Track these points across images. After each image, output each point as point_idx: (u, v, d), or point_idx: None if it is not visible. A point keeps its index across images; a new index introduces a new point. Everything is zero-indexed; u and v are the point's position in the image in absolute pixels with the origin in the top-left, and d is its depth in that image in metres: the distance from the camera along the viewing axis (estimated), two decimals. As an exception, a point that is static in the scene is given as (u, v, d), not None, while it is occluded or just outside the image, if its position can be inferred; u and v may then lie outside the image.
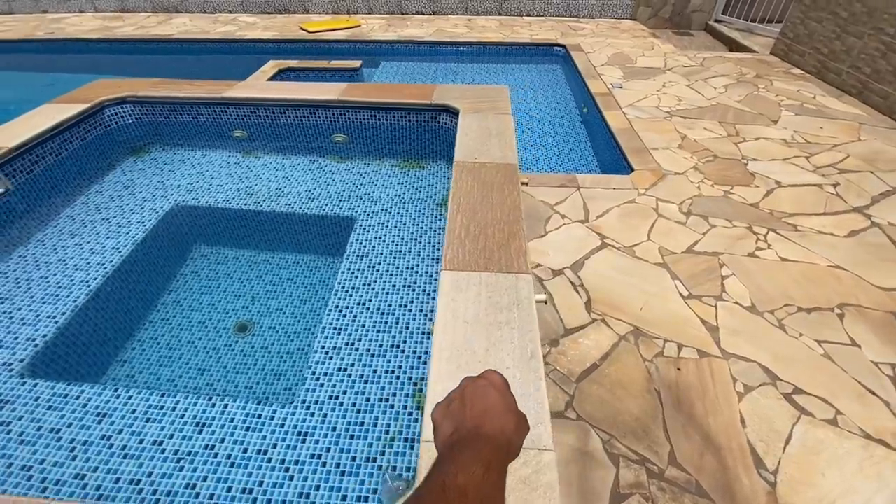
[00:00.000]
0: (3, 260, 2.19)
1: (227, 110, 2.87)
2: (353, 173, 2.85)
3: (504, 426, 0.45)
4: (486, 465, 0.38)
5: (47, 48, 6.68)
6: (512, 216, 1.75)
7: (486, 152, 2.17)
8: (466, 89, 2.87)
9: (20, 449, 1.55)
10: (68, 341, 1.99)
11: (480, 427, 0.44)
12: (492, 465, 0.39)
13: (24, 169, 2.34)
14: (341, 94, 2.79)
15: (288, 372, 2.16)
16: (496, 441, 0.43)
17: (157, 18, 7.66)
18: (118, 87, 2.92)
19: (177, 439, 1.61)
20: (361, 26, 7.08)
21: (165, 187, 2.74)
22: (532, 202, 3.08)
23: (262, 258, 2.75)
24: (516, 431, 0.46)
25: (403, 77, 5.63)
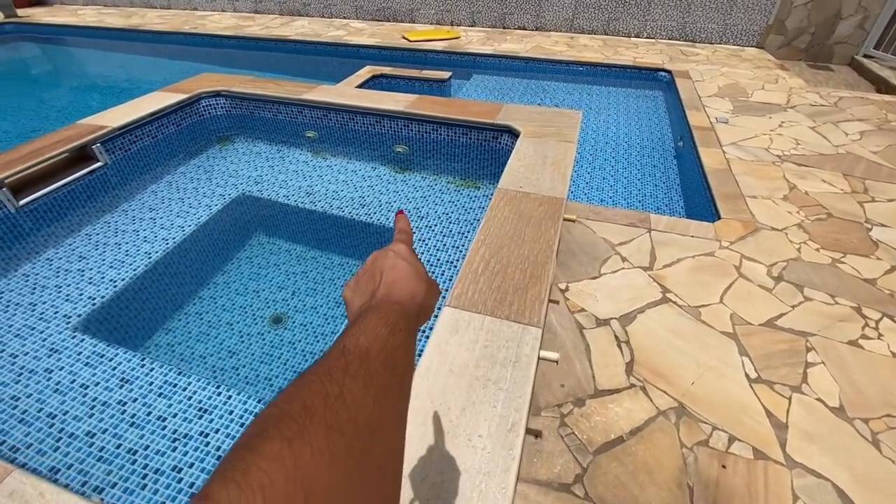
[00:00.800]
0: (91, 223, 2.50)
1: (303, 111, 3.02)
2: (407, 185, 2.84)
3: (413, 292, 0.45)
4: (391, 326, 0.37)
5: (189, 41, 7.68)
6: (541, 257, 1.59)
7: (534, 181, 2.01)
8: (536, 111, 2.72)
9: (53, 397, 1.72)
10: (122, 305, 2.19)
11: (389, 295, 0.43)
12: (398, 327, 0.38)
13: (123, 147, 2.65)
14: (408, 105, 2.79)
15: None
16: (405, 306, 0.42)
17: (282, 20, 8.46)
18: (217, 81, 3.21)
19: (179, 420, 1.68)
20: (460, 38, 7.17)
21: (238, 176, 2.95)
22: (591, 238, 2.83)
23: (311, 255, 2.84)
24: (427, 295, 0.46)
25: (491, 91, 5.58)
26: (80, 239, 2.41)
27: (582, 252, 2.72)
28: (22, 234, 2.25)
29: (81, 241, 2.40)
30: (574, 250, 2.73)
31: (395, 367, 0.35)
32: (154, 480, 1.50)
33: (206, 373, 2.17)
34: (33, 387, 1.75)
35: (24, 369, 1.81)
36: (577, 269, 2.60)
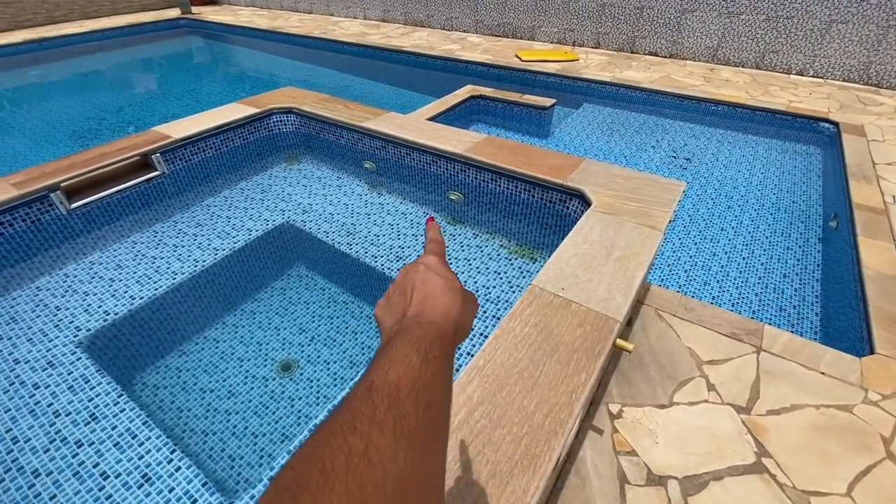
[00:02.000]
0: (139, 231, 2.55)
1: (363, 139, 2.82)
2: (454, 241, 2.47)
3: (449, 309, 0.42)
4: (424, 353, 0.35)
5: (317, 45, 8.17)
6: (552, 420, 1.11)
7: (583, 284, 1.51)
8: (622, 174, 2.16)
9: (25, 419, 1.67)
10: (133, 323, 2.15)
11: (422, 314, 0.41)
12: (431, 353, 0.35)
13: (183, 158, 2.68)
14: (469, 147, 2.42)
15: (275, 448, 1.93)
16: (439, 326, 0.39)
17: (403, 30, 8.62)
18: (293, 97, 3.16)
19: (118, 483, 1.51)
20: (578, 61, 6.56)
21: (289, 201, 2.84)
22: (672, 345, 2.18)
23: (341, 300, 2.62)
24: (463, 310, 0.43)
25: (598, 126, 4.94)
26: (123, 247, 2.46)
27: (654, 363, 2.09)
28: (70, 236, 2.34)
29: (125, 249, 2.45)
30: (644, 358, 2.12)
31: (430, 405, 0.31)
32: (62, 560, 1.34)
33: (188, 416, 2.03)
34: (16, 401, 1.73)
35: (18, 379, 1.80)
36: (640, 387, 1.99)
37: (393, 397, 0.30)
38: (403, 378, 0.32)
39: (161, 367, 2.26)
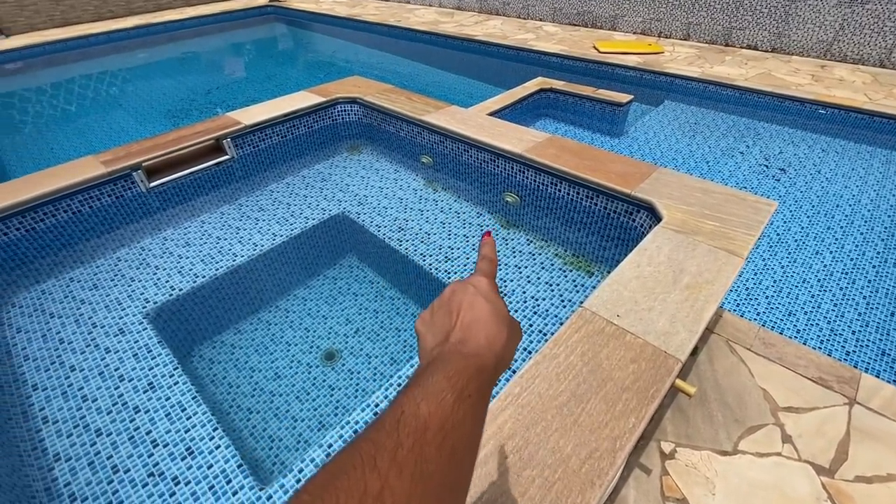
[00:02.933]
0: (208, 212, 2.70)
1: (423, 133, 2.76)
2: (506, 246, 2.36)
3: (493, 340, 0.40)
4: (459, 391, 0.33)
5: (391, 33, 8.24)
6: (595, 465, 0.99)
7: (642, 313, 1.35)
8: (701, 186, 1.93)
9: (96, 379, 1.82)
10: (194, 299, 2.28)
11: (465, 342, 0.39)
12: (467, 391, 0.34)
13: (251, 143, 2.78)
14: (530, 147, 2.28)
15: (312, 435, 1.96)
16: (481, 359, 0.38)
17: (477, 18, 8.44)
18: (359, 87, 3.17)
19: (165, 453, 1.60)
20: (664, 53, 6.05)
21: (346, 191, 2.87)
22: (743, 383, 1.94)
23: (388, 295, 2.62)
24: (507, 342, 0.42)
25: (679, 127, 4.52)
26: (193, 226, 2.61)
27: (719, 401, 1.88)
28: (148, 213, 2.52)
29: (194, 228, 2.60)
30: (707, 395, 1.90)
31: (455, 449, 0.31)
32: None
33: (236, 394, 2.12)
34: (90, 362, 1.89)
35: (94, 342, 1.97)
36: (700, 427, 1.79)
37: (419, 436, 0.29)
38: (434, 415, 0.31)
39: (217, 343, 2.39)
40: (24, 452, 1.61)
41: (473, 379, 0.35)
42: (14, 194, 2.13)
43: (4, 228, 2.12)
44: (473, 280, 0.46)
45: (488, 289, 0.45)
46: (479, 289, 0.44)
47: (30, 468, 1.57)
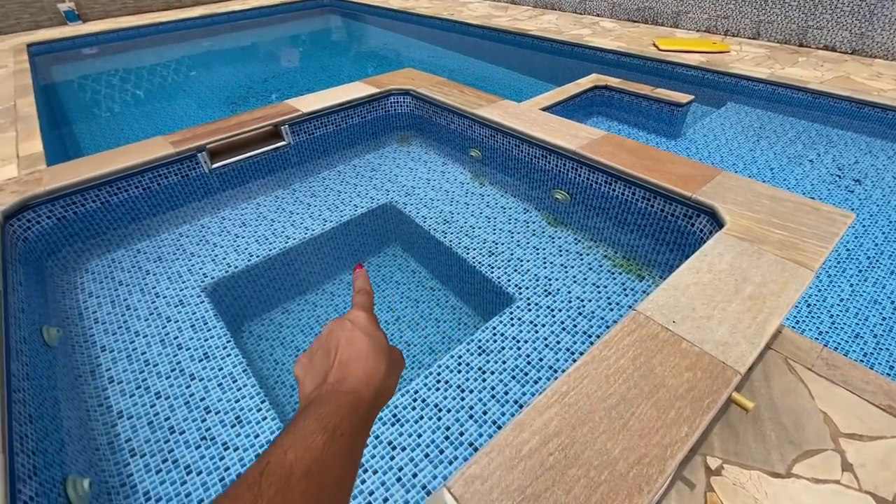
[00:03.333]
0: (264, 195, 2.81)
1: (473, 126, 2.75)
2: (553, 244, 2.31)
3: (371, 373, 0.41)
4: (331, 430, 0.34)
5: (443, 26, 8.24)
6: (644, 471, 0.97)
7: (700, 321, 1.29)
8: (769, 193, 1.82)
9: (156, 346, 1.94)
10: (248, 277, 2.38)
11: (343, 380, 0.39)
12: (339, 430, 0.34)
13: (307, 131, 2.86)
14: (584, 144, 2.22)
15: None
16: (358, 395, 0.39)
17: (531, 13, 8.30)
18: (412, 78, 3.20)
19: (216, 419, 1.69)
20: (730, 53, 5.73)
21: (395, 182, 2.91)
22: (801, 404, 1.82)
23: (430, 286, 2.64)
24: (388, 373, 0.43)
25: (742, 131, 4.28)
26: (249, 207, 2.72)
27: (773, 421, 1.78)
28: (209, 192, 2.65)
29: (250, 209, 2.71)
30: (761, 413, 1.81)
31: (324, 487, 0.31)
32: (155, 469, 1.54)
33: (281, 370, 2.21)
34: (153, 329, 2.02)
35: (157, 311, 2.11)
36: (750, 446, 1.70)
37: (282, 484, 0.29)
38: (300, 460, 0.31)
39: (266, 320, 2.49)
40: (90, 408, 1.75)
41: (347, 417, 0.36)
42: (92, 169, 2.30)
43: (82, 200, 2.30)
44: (351, 315, 0.46)
45: (366, 322, 0.45)
46: (357, 324, 0.44)
47: (95, 423, 1.70)
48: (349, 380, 0.40)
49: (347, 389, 0.39)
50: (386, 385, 0.42)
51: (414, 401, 1.73)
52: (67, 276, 2.26)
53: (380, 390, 0.41)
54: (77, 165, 2.34)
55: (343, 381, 0.39)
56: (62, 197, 2.20)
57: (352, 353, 0.42)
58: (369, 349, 0.42)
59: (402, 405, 1.72)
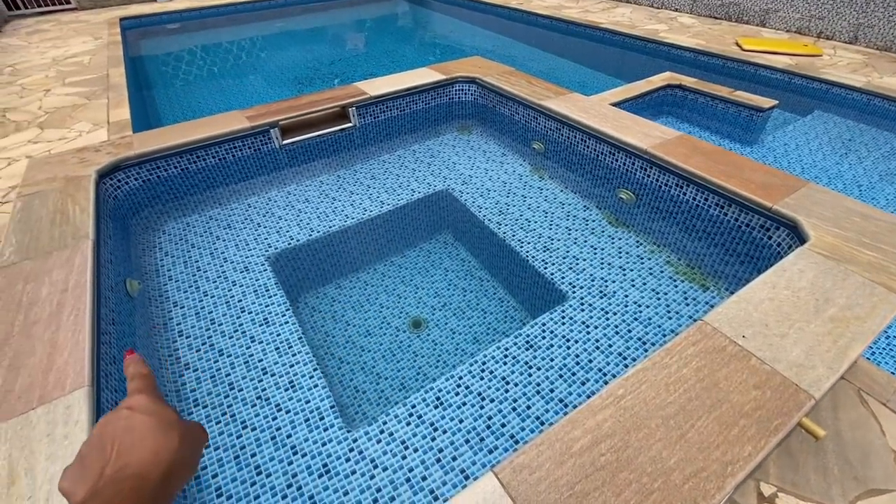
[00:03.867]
0: (327, 173, 2.90)
1: (539, 118, 2.70)
2: (611, 244, 2.24)
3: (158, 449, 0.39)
4: None
5: (512, 16, 8.11)
6: (701, 486, 0.93)
7: (773, 338, 1.22)
8: (863, 212, 1.67)
9: (221, 307, 2.08)
10: (307, 250, 2.48)
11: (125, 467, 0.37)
12: None
13: (373, 114, 2.92)
14: (657, 144, 2.12)
15: (393, 394, 2.07)
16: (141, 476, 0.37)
17: (604, 5, 7.98)
18: (479, 67, 3.18)
19: (273, 381, 1.79)
20: (822, 57, 5.26)
21: (453, 169, 2.92)
22: (868, 438, 1.68)
23: (478, 276, 2.65)
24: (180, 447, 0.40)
25: (829, 143, 3.94)
26: (313, 185, 2.83)
27: (838, 454, 1.65)
28: (277, 167, 2.77)
29: (313, 186, 2.82)
30: (825, 444, 1.69)
31: None
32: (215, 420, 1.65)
33: (331, 343, 2.30)
34: (219, 291, 2.16)
35: (224, 274, 2.25)
36: (809, 477, 1.60)
37: None
38: None
39: (320, 294, 2.59)
40: (161, 357, 1.89)
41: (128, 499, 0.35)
42: (176, 137, 2.47)
43: (165, 165, 2.47)
44: (127, 402, 0.43)
45: (147, 402, 0.43)
46: (136, 408, 0.42)
47: (165, 371, 1.84)
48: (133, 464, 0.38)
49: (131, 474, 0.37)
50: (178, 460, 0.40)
51: (458, 386, 1.75)
52: (147, 236, 2.45)
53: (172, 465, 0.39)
54: (163, 133, 2.52)
55: (126, 468, 0.37)
56: (149, 161, 2.38)
57: (133, 439, 0.39)
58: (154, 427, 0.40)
59: (445, 389, 1.75)
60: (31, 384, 1.19)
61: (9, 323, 1.37)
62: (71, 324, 1.35)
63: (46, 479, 0.99)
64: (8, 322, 1.37)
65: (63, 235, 1.75)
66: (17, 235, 1.76)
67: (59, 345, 1.29)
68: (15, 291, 1.49)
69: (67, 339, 1.30)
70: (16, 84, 5.56)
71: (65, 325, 1.35)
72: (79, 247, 1.68)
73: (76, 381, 1.19)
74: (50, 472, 1.00)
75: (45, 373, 1.21)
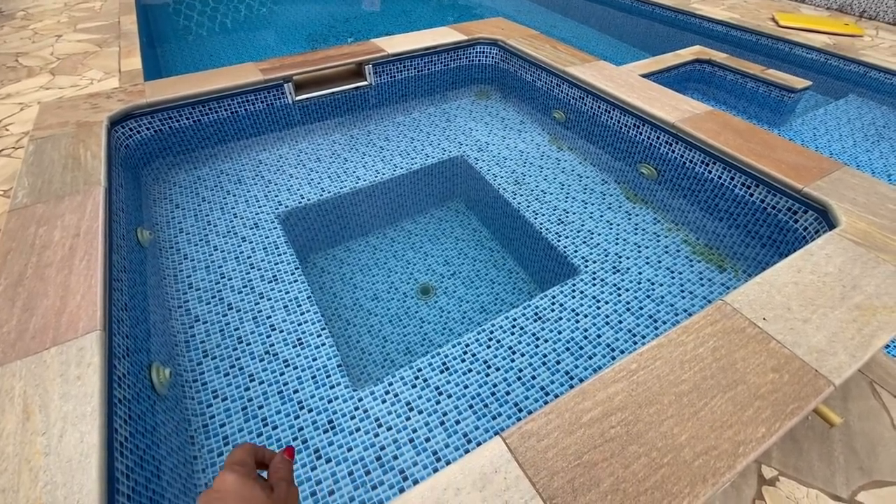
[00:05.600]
0: (339, 132, 2.84)
1: (562, 85, 2.59)
2: (628, 221, 2.19)
3: None
4: None
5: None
6: (711, 463, 0.93)
7: (795, 322, 1.18)
8: (892, 195, 1.60)
9: (231, 262, 2.07)
10: (318, 210, 2.45)
11: None
12: None
13: (389, 73, 2.82)
14: (686, 118, 2.03)
15: (399, 357, 2.08)
16: None
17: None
18: (502, 29, 3.04)
19: (281, 337, 1.80)
20: (862, 38, 4.99)
21: (468, 135, 2.84)
22: (877, 430, 1.67)
23: (489, 246, 2.62)
24: None
25: (862, 127, 3.78)
26: (325, 143, 2.77)
27: (845, 443, 1.65)
28: (290, 124, 2.71)
29: (325, 145, 2.76)
30: (833, 432, 1.68)
31: None
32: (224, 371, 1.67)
33: (338, 305, 2.30)
34: (229, 246, 2.15)
35: (233, 230, 2.23)
36: (813, 463, 1.60)
37: None
38: None
39: (329, 255, 2.58)
40: (171, 308, 1.90)
41: None
42: (188, 87, 2.41)
43: (178, 116, 2.42)
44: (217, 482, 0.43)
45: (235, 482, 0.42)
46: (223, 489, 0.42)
47: (175, 322, 1.86)
48: None
49: None
50: None
51: (464, 353, 1.75)
52: (158, 187, 2.43)
53: None
54: (175, 82, 2.46)
55: None
56: (161, 111, 2.33)
57: None
58: None
59: (451, 355, 1.75)
60: (45, 325, 1.19)
61: (22, 264, 1.37)
62: (83, 268, 1.35)
63: (60, 416, 1.00)
64: (22, 263, 1.37)
65: (75, 181, 1.73)
66: (29, 178, 1.74)
67: (71, 288, 1.29)
68: (28, 233, 1.48)
69: (80, 283, 1.30)
70: (28, 28, 5.46)
71: (77, 270, 1.35)
72: (91, 192, 1.67)
73: (88, 324, 1.19)
74: (63, 410, 1.01)
75: (57, 315, 1.22)
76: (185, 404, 1.57)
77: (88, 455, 0.94)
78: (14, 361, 1.11)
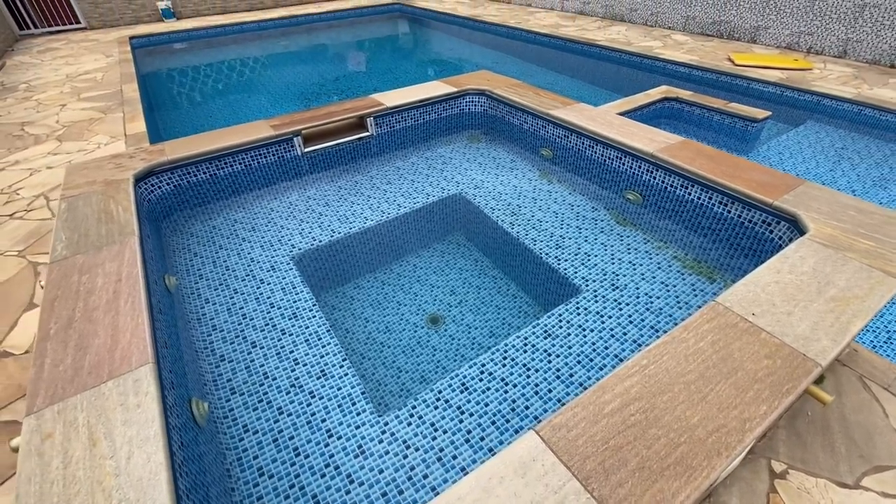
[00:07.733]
0: (345, 179, 3.03)
1: (548, 127, 2.85)
2: (620, 242, 2.37)
3: None
4: None
5: (510, 34, 8.38)
6: (723, 439, 1.04)
7: (780, 315, 1.33)
8: (856, 206, 1.80)
9: (251, 303, 2.17)
10: (329, 251, 2.59)
11: None
12: None
13: (389, 124, 3.07)
14: (662, 148, 2.27)
15: (414, 386, 2.16)
16: None
17: (600, 24, 8.28)
18: (487, 80, 3.34)
19: (304, 370, 1.88)
20: (812, 71, 5.50)
21: (464, 174, 3.06)
22: (873, 421, 1.78)
23: (492, 274, 2.76)
24: None
25: (822, 153, 4.12)
26: (332, 189, 2.95)
27: (843, 435, 1.75)
28: (299, 174, 2.90)
29: (333, 191, 2.94)
30: (831, 426, 1.79)
31: None
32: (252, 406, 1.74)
33: (351, 339, 2.39)
34: (249, 288, 2.26)
35: (251, 273, 2.35)
36: (818, 455, 1.69)
37: None
38: None
39: (340, 293, 2.69)
40: (198, 349, 1.98)
41: None
42: (205, 144, 2.60)
43: (195, 171, 2.59)
44: None
45: None
46: None
47: (202, 362, 1.93)
48: None
49: None
50: None
51: (481, 373, 1.85)
52: (177, 238, 2.56)
53: None
54: (193, 141, 2.65)
55: None
56: (181, 167, 2.51)
57: None
58: None
59: (469, 376, 1.84)
60: (99, 361, 1.28)
61: (70, 309, 1.47)
62: (129, 309, 1.45)
63: (125, 440, 1.08)
64: (69, 308, 1.47)
65: (110, 232, 1.86)
66: (65, 233, 1.87)
67: (120, 327, 1.39)
68: (71, 282, 1.59)
69: (128, 323, 1.40)
70: (31, 99, 5.72)
71: (123, 311, 1.45)
72: (127, 242, 1.79)
73: (140, 358, 1.29)
74: (127, 434, 1.09)
75: (110, 351, 1.31)
76: (219, 439, 1.63)
77: (157, 473, 1.01)
78: (74, 396, 1.19)
